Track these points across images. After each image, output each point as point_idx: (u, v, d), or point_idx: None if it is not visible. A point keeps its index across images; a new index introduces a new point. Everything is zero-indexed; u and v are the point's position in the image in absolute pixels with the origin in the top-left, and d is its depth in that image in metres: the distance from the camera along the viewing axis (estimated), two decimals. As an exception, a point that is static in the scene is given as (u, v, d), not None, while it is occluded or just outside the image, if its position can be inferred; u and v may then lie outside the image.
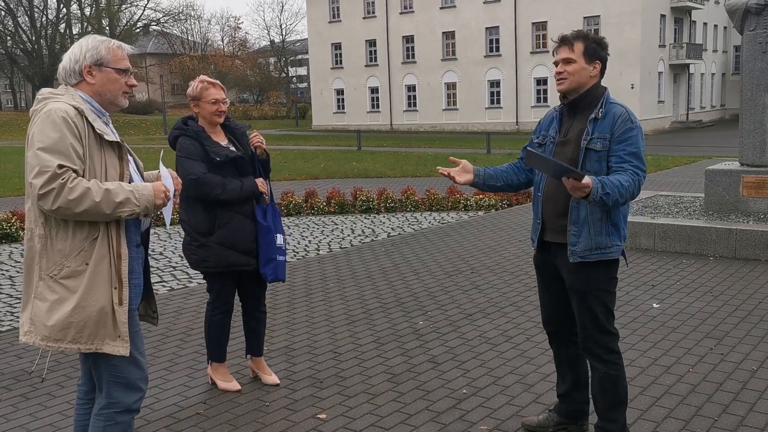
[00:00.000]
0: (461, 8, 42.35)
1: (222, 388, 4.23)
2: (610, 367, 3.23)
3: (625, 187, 3.01)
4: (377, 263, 7.59)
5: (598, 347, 3.23)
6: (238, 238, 4.01)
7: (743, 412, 3.77)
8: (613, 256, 3.17)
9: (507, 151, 24.47)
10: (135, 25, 65.09)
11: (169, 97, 69.68)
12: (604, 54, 3.24)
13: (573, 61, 3.16)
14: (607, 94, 3.24)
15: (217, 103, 4.02)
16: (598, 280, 3.19)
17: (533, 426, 3.62)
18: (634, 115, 3.18)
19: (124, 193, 2.60)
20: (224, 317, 4.21)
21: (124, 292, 2.67)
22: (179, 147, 4.01)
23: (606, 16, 37.23)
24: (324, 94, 49.63)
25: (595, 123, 3.16)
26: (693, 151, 23.71)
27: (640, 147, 3.13)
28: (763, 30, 8.09)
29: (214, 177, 3.92)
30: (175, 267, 7.76)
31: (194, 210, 4.01)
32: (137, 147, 31.93)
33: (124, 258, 2.67)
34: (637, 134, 3.13)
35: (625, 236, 3.24)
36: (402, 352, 4.82)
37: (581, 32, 3.24)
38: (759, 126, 8.24)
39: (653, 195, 10.04)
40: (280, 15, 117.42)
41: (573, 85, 3.19)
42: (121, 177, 2.71)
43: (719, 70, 48.13)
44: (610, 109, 3.17)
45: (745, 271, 6.76)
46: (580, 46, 3.16)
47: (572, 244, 3.17)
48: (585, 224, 3.13)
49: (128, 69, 2.81)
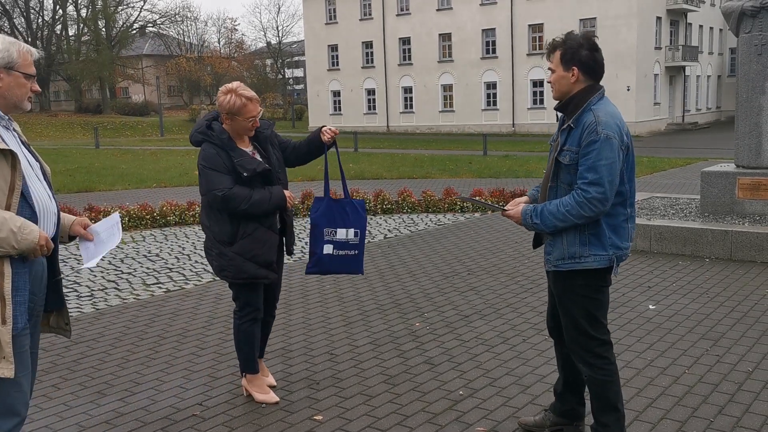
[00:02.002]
0: (458, 10, 42.41)
1: (260, 401, 4.06)
2: (596, 372, 3.23)
3: (563, 212, 3.04)
4: (374, 265, 7.59)
5: (582, 350, 3.25)
6: (258, 250, 3.87)
7: (739, 413, 3.78)
8: (589, 265, 3.12)
9: (503, 152, 24.50)
10: (131, 27, 65.03)
11: (166, 98, 69.66)
12: (585, 55, 3.11)
13: (553, 70, 3.19)
14: (591, 100, 3.13)
15: (253, 119, 3.85)
16: (575, 288, 3.19)
17: (529, 425, 3.62)
18: (606, 124, 3.03)
19: (5, 231, 2.44)
20: (253, 324, 4.04)
21: (7, 310, 2.51)
22: (204, 156, 3.83)
23: (602, 19, 37.30)
24: (320, 96, 49.62)
25: (569, 133, 3.14)
26: (689, 153, 23.76)
27: (599, 161, 2.99)
28: (759, 32, 8.11)
29: (240, 191, 3.76)
30: (171, 269, 7.75)
31: (217, 218, 3.88)
32: (133, 149, 31.93)
33: (7, 275, 2.51)
34: (598, 147, 2.99)
35: (616, 245, 3.15)
36: (398, 354, 4.83)
37: (561, 39, 3.18)
38: (755, 128, 8.27)
39: (649, 197, 10.06)
40: (276, 17, 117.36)
41: (558, 94, 3.21)
42: (12, 189, 2.53)
43: (715, 72, 48.25)
44: (581, 118, 3.10)
45: (741, 273, 6.77)
46: (558, 54, 3.15)
47: (547, 252, 3.24)
48: (560, 234, 3.15)
49: (35, 75, 2.70)
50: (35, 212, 2.63)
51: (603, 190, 2.99)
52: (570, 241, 3.12)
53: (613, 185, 3.02)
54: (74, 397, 4.24)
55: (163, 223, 10.70)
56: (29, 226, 2.53)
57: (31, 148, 2.78)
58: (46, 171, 2.80)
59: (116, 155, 27.15)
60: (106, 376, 4.58)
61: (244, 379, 4.18)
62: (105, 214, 10.47)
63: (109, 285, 7.06)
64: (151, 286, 6.99)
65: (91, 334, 5.43)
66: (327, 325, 5.50)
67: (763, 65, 8.12)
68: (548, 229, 3.12)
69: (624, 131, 3.11)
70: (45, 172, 2.79)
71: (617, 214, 3.14)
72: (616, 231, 3.15)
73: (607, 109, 3.11)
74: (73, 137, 44.38)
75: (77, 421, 3.90)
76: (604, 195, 3.00)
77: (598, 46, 3.20)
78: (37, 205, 2.64)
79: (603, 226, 3.11)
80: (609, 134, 3.01)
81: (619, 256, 3.16)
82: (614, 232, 3.14)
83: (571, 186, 3.11)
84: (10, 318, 2.52)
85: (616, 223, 3.15)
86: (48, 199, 2.73)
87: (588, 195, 3.00)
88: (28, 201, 2.61)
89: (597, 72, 3.17)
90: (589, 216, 3.03)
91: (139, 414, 3.98)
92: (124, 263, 8.05)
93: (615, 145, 3.02)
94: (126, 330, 5.54)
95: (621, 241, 3.17)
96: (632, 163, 3.17)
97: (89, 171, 20.03)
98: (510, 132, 40.54)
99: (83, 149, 31.67)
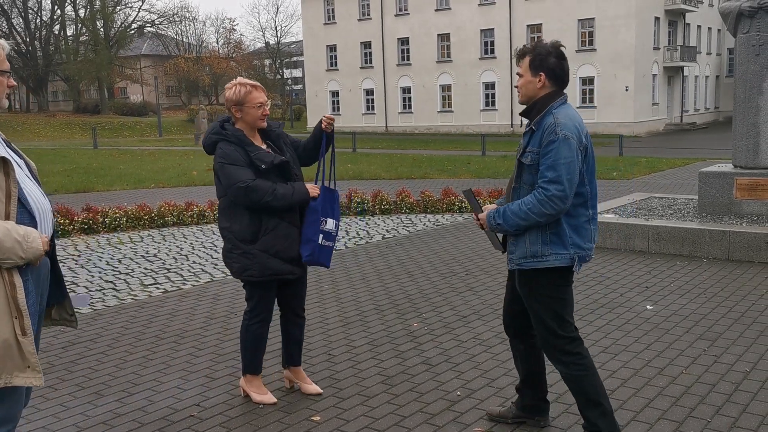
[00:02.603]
0: (456, 10, 42.41)
1: (257, 401, 4.05)
2: (570, 368, 3.32)
3: (524, 211, 3.17)
4: (372, 265, 7.59)
5: (554, 350, 3.35)
6: (282, 246, 3.85)
7: (736, 413, 3.78)
8: (550, 264, 3.22)
9: (501, 153, 24.50)
10: (130, 27, 64.94)
11: (164, 99, 69.60)
12: (552, 63, 3.24)
13: (521, 75, 3.33)
14: (553, 105, 3.25)
15: (261, 106, 3.85)
16: (539, 287, 3.29)
17: (494, 416, 3.76)
18: (564, 125, 3.15)
19: (10, 241, 2.41)
20: (262, 326, 4.02)
21: (26, 321, 2.49)
22: (221, 153, 3.81)
23: (600, 19, 37.33)
24: (319, 96, 49.61)
25: (531, 135, 3.27)
26: (687, 153, 23.78)
27: (558, 160, 3.11)
28: (756, 33, 8.12)
29: (263, 183, 3.75)
30: (169, 269, 7.74)
31: (238, 216, 3.85)
32: (132, 149, 31.91)
33: (19, 286, 2.48)
34: (557, 147, 3.12)
35: (578, 244, 3.24)
36: (396, 354, 4.82)
37: (531, 46, 3.32)
38: (752, 128, 8.28)
39: (647, 197, 10.07)
40: (275, 17, 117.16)
41: (523, 98, 3.36)
42: (8, 196, 2.49)
43: (713, 72, 48.29)
44: (542, 121, 3.23)
45: (739, 273, 6.78)
46: (527, 60, 3.29)
47: (510, 252, 3.35)
48: (522, 234, 3.26)
49: (9, 71, 2.64)
50: (34, 217, 2.60)
51: (562, 188, 3.10)
52: (532, 241, 3.24)
53: (572, 183, 3.13)
54: (72, 398, 4.23)
55: (161, 223, 10.69)
56: (31, 234, 2.51)
57: (13, 145, 2.73)
58: (32, 168, 2.77)
59: (114, 155, 27.13)
60: (103, 376, 4.58)
61: (242, 379, 4.16)
62: (102, 214, 10.46)
63: (106, 285, 7.06)
64: (148, 287, 6.98)
65: (89, 335, 5.43)
66: (325, 326, 5.50)
67: (761, 65, 8.13)
68: (511, 228, 3.24)
69: (583, 133, 3.22)
70: (31, 170, 2.76)
71: (579, 215, 3.25)
72: (578, 231, 3.26)
73: (568, 112, 3.24)
74: (72, 137, 44.37)
75: (74, 422, 3.90)
76: (564, 192, 3.11)
77: (565, 55, 3.33)
78: (35, 208, 2.61)
79: (564, 226, 3.22)
80: (567, 134, 3.14)
81: (581, 255, 3.26)
82: (576, 232, 3.25)
83: (532, 186, 3.23)
84: (30, 328, 2.51)
85: (578, 224, 3.26)
86: (42, 198, 2.70)
87: (548, 193, 3.11)
88: (26, 206, 2.58)
89: (562, 79, 3.31)
90: (550, 213, 3.14)
91: (137, 415, 3.97)
92: (122, 264, 8.04)
93: (573, 145, 3.14)
94: (124, 331, 5.53)
95: (583, 241, 3.27)
96: (592, 165, 3.28)
97: (87, 171, 20.02)
98: (508, 132, 40.54)
99: (81, 149, 31.66)
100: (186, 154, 27.66)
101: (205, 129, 35.70)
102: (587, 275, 6.84)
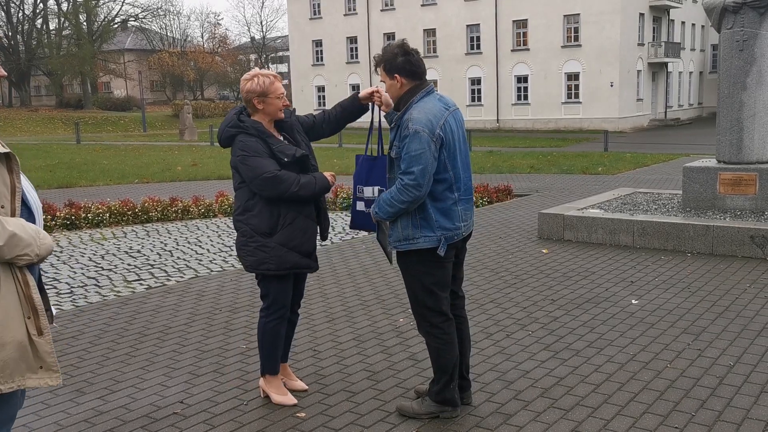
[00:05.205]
0: (442, 6, 42.41)
1: (278, 402, 3.96)
2: (432, 340, 3.67)
3: (389, 200, 3.50)
4: (357, 260, 7.57)
5: (423, 320, 3.68)
6: (300, 239, 3.81)
7: (720, 407, 3.80)
8: (420, 245, 3.53)
9: (488, 148, 24.53)
10: (113, 21, 64.40)
11: (148, 93, 69.05)
12: (401, 62, 3.50)
13: (384, 82, 3.62)
14: (413, 99, 3.51)
15: (282, 97, 3.83)
16: (412, 265, 3.62)
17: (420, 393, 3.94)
18: (416, 120, 3.41)
19: (28, 237, 2.35)
20: (280, 323, 3.93)
21: (42, 320, 2.42)
22: (242, 146, 3.73)
23: (586, 15, 37.47)
24: (305, 91, 49.47)
25: (396, 131, 3.55)
26: (671, 148, 23.94)
27: (409, 152, 3.39)
28: (740, 28, 8.16)
29: (289, 174, 3.72)
30: (153, 265, 7.67)
31: (257, 210, 3.78)
32: (115, 144, 31.66)
33: (32, 285, 2.41)
34: (408, 141, 3.39)
35: (444, 227, 3.53)
36: (382, 350, 4.81)
37: (380, 54, 3.60)
38: (736, 123, 8.32)
39: (632, 192, 10.11)
40: (260, 11, 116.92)
41: (394, 101, 3.65)
42: (13, 192, 2.41)
43: (697, 68, 48.65)
44: (402, 117, 3.50)
45: (722, 267, 6.82)
46: (381, 68, 3.60)
47: (390, 236, 3.65)
48: (396, 220, 3.58)
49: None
50: (32, 212, 2.55)
51: (414, 177, 3.39)
52: (404, 225, 3.55)
53: (424, 172, 3.39)
54: (53, 395, 4.18)
55: (145, 219, 10.61)
56: (41, 231, 2.45)
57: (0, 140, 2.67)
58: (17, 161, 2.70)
59: (98, 150, 26.91)
60: (85, 374, 4.52)
61: (262, 380, 4.06)
62: (85, 210, 10.36)
63: (89, 282, 6.98)
64: (132, 283, 6.92)
65: (71, 332, 5.36)
66: (310, 322, 5.47)
67: (745, 61, 8.18)
68: (384, 215, 3.56)
69: (438, 125, 3.45)
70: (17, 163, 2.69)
71: (445, 198, 3.54)
72: (446, 214, 3.55)
73: (425, 106, 3.49)
74: (54, 132, 43.94)
75: (56, 420, 3.85)
76: (416, 181, 3.39)
77: (411, 49, 3.57)
78: (33, 204, 2.55)
79: (430, 211, 3.52)
80: (418, 128, 3.40)
81: (447, 236, 3.55)
82: (443, 214, 3.54)
83: None
84: (47, 327, 2.44)
85: (445, 207, 3.55)
86: (34, 192, 2.64)
87: (403, 182, 3.42)
88: (26, 202, 2.52)
89: (416, 72, 3.55)
90: (409, 201, 3.43)
91: (119, 412, 3.93)
92: (104, 260, 7.97)
93: (424, 137, 3.39)
94: (106, 327, 5.47)
95: (451, 222, 3.56)
96: (454, 151, 3.52)
97: (70, 166, 19.83)
98: (494, 128, 40.64)
99: (64, 144, 31.36)
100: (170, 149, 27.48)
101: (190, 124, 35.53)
102: (572, 270, 6.86)
